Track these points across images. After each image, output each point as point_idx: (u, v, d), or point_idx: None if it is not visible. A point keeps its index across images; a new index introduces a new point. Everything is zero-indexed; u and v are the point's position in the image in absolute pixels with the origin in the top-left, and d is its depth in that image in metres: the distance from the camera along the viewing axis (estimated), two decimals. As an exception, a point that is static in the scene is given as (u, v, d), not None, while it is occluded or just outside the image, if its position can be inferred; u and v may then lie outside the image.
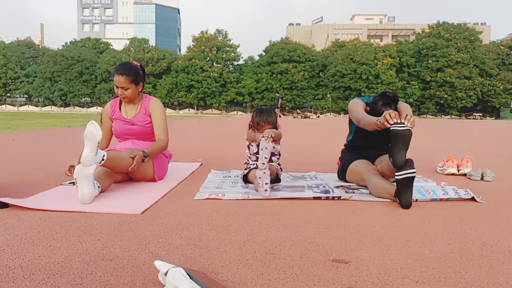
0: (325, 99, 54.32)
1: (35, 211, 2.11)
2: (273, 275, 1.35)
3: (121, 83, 2.95)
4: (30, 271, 1.35)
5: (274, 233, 1.82)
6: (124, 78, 2.95)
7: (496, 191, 2.93)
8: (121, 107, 3.18)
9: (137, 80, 3.04)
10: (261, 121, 2.93)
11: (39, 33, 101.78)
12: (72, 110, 57.78)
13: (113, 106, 3.19)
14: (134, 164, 2.69)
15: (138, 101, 3.16)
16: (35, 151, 5.08)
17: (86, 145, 2.24)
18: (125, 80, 2.96)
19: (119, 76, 2.95)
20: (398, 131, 2.34)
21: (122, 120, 3.13)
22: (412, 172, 2.30)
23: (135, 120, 3.11)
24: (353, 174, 2.97)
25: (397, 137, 2.34)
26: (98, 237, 1.71)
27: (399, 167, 2.34)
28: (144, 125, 3.11)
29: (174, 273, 1.14)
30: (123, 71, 2.96)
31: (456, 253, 1.59)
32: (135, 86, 3.02)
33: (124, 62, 3.05)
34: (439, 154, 4.73)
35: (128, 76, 2.96)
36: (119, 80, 2.95)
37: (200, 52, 55.37)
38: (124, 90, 2.98)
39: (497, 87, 51.71)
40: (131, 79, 2.98)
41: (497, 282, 1.33)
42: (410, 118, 2.40)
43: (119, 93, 3.01)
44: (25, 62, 62.10)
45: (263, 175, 2.53)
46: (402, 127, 2.34)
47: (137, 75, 3.03)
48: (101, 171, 2.59)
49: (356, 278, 1.34)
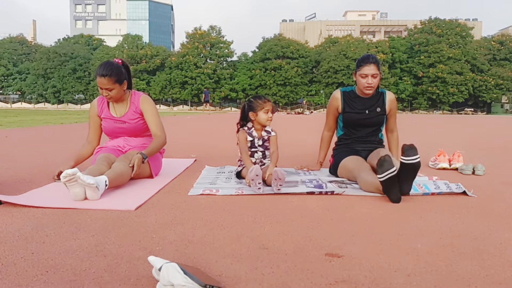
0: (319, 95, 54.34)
1: (28, 208, 2.11)
2: (266, 270, 1.36)
3: (105, 84, 2.84)
4: (24, 268, 1.35)
5: (267, 228, 1.83)
6: (107, 79, 2.83)
7: (487, 185, 2.96)
8: (109, 105, 3.09)
9: (121, 80, 2.92)
10: (262, 101, 2.93)
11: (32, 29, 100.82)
12: (66, 107, 57.34)
13: (101, 104, 3.10)
14: (135, 171, 2.69)
15: (126, 97, 3.07)
16: (28, 148, 5.05)
17: (86, 188, 2.24)
18: (108, 81, 2.84)
19: (101, 78, 2.83)
20: (408, 163, 2.33)
21: (112, 119, 3.06)
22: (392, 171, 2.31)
23: (125, 118, 3.05)
24: (344, 171, 3.00)
25: (407, 168, 2.35)
26: (92, 234, 1.71)
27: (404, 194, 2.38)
28: (135, 122, 3.06)
29: (168, 269, 1.14)
30: (105, 71, 2.83)
31: (448, 247, 1.61)
32: (119, 86, 2.92)
33: (104, 62, 2.91)
34: (431, 149, 4.75)
35: (111, 77, 2.84)
36: (102, 82, 2.84)
37: (194, 49, 55.12)
38: (109, 91, 2.88)
39: (488, 82, 51.98)
40: (115, 79, 2.87)
41: (489, 275, 1.34)
42: None
43: (104, 94, 2.91)
44: (18, 59, 61.49)
45: (256, 178, 2.52)
46: (412, 159, 2.32)
47: (120, 75, 2.91)
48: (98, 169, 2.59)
49: (349, 272, 1.35)
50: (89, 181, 2.21)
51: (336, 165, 3.10)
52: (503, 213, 2.16)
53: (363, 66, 3.07)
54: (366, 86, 3.07)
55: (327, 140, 3.45)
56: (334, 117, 3.34)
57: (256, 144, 2.98)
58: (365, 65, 3.06)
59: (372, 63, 3.05)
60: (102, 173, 2.52)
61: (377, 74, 3.06)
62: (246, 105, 3.02)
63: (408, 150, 2.33)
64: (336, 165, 3.10)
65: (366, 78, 3.06)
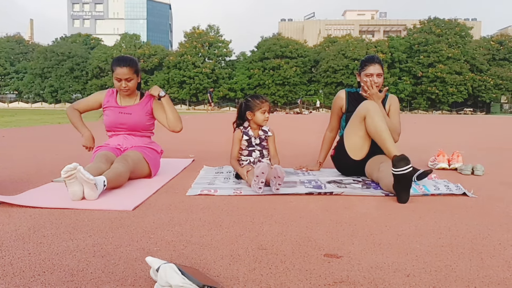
0: (317, 94, 54.39)
1: (25, 208, 2.10)
2: (265, 270, 1.35)
3: (125, 74, 2.93)
4: (20, 268, 1.34)
5: (266, 229, 1.82)
6: (127, 69, 2.93)
7: (486, 185, 2.96)
8: (117, 97, 3.14)
9: (138, 71, 3.05)
10: (260, 101, 2.95)
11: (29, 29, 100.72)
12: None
13: (109, 96, 3.15)
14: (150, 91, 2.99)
15: (135, 95, 3.14)
16: (25, 148, 5.04)
17: (84, 186, 2.24)
18: (129, 71, 2.94)
19: (122, 68, 2.92)
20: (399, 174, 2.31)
21: (117, 107, 3.08)
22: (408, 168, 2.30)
23: (131, 110, 3.08)
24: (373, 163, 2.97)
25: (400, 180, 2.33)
26: (89, 234, 1.70)
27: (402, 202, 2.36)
28: (140, 115, 3.09)
29: (166, 269, 1.13)
30: (125, 62, 2.94)
31: (447, 247, 1.60)
32: (136, 77, 3.03)
33: (120, 55, 3.02)
34: (430, 149, 4.76)
35: (131, 67, 2.95)
36: (123, 72, 2.92)
37: (192, 48, 55.14)
38: (128, 81, 2.97)
39: (488, 82, 52.12)
40: (134, 69, 2.98)
41: (487, 275, 1.34)
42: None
43: (122, 86, 2.97)
44: (15, 58, 61.44)
45: (261, 175, 2.51)
46: (402, 170, 2.29)
47: (137, 66, 3.03)
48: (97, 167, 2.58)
49: (347, 272, 1.35)
50: (88, 176, 2.20)
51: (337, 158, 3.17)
52: (502, 214, 2.15)
53: (368, 66, 3.12)
54: (371, 85, 3.08)
55: (329, 141, 3.45)
56: (338, 117, 3.35)
57: (253, 143, 2.97)
58: (370, 64, 3.11)
59: (377, 63, 3.12)
60: (101, 172, 2.52)
61: (381, 74, 3.10)
62: (244, 104, 3.02)
63: (399, 161, 2.31)
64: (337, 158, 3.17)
65: (371, 77, 3.08)
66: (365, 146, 2.94)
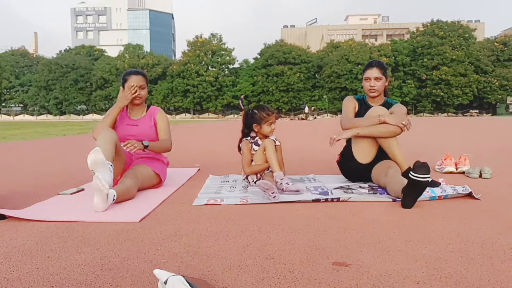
0: (322, 100, 54.40)
1: (32, 222, 2.10)
2: (273, 280, 1.34)
3: (140, 81, 3.09)
4: (29, 283, 1.34)
5: (273, 238, 1.81)
6: (142, 77, 3.12)
7: (494, 188, 2.93)
8: (128, 110, 3.24)
9: (148, 82, 3.23)
10: (266, 113, 3.05)
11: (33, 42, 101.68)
12: (68, 118, 57.67)
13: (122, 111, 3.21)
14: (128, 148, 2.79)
15: (143, 107, 3.25)
16: (32, 161, 5.06)
17: (95, 195, 2.26)
18: (143, 79, 3.13)
19: (137, 76, 3.10)
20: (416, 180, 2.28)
21: (127, 118, 3.18)
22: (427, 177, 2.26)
23: (139, 122, 3.17)
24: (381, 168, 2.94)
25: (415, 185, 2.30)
26: (97, 247, 1.69)
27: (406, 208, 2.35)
28: (147, 128, 3.16)
29: (174, 282, 1.13)
30: (139, 72, 3.16)
31: (457, 252, 1.59)
32: (147, 87, 3.19)
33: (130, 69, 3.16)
34: (437, 153, 4.73)
35: (144, 77, 3.16)
36: (139, 79, 3.09)
37: (195, 57, 55.43)
38: (142, 89, 3.10)
39: (493, 84, 51.95)
40: (147, 79, 3.19)
41: (499, 280, 1.32)
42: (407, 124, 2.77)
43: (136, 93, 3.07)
44: (20, 71, 62.03)
45: (270, 187, 2.50)
46: (421, 177, 2.26)
47: (147, 78, 3.24)
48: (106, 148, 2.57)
49: (357, 280, 1.33)
50: (104, 183, 2.24)
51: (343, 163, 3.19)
52: (511, 217, 2.13)
53: (367, 70, 3.15)
54: (369, 89, 3.10)
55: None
56: (353, 110, 3.19)
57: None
58: (368, 69, 3.14)
59: (374, 67, 3.10)
60: (109, 156, 2.53)
61: (381, 77, 3.07)
62: (250, 116, 3.06)
63: (420, 168, 2.27)
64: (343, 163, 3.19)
65: (369, 81, 3.08)
66: (373, 150, 2.95)
